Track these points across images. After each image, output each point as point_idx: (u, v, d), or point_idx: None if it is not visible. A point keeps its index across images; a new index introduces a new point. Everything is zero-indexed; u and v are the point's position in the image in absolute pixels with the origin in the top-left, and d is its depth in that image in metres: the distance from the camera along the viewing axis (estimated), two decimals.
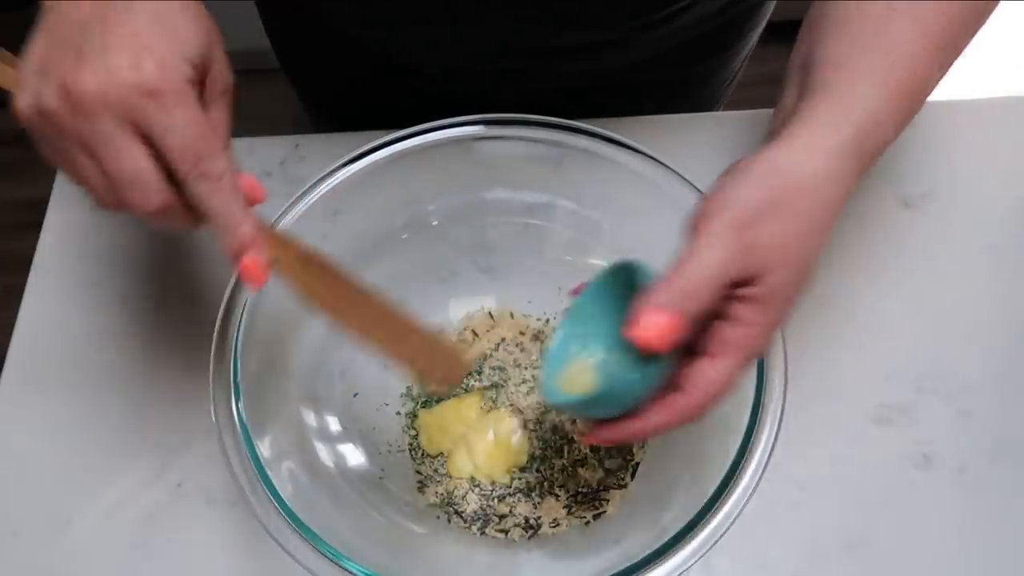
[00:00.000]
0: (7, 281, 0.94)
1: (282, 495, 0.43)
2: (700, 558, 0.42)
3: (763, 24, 0.74)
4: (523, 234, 0.59)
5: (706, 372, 0.37)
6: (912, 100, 0.42)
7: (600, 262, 0.59)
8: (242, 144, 0.67)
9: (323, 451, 0.52)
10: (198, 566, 0.53)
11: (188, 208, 0.37)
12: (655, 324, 0.35)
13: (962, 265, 0.64)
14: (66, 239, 0.65)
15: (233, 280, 0.48)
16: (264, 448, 0.45)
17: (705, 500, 0.43)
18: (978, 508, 0.55)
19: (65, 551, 0.53)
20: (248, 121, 0.37)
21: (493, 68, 0.66)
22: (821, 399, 0.58)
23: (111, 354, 0.60)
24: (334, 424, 0.54)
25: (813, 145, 0.39)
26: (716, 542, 0.42)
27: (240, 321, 0.47)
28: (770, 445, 0.44)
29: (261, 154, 0.67)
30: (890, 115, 0.41)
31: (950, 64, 0.44)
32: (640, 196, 0.53)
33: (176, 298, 0.62)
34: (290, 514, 0.42)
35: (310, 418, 0.53)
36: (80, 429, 0.57)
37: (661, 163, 0.52)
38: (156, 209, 0.36)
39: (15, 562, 0.53)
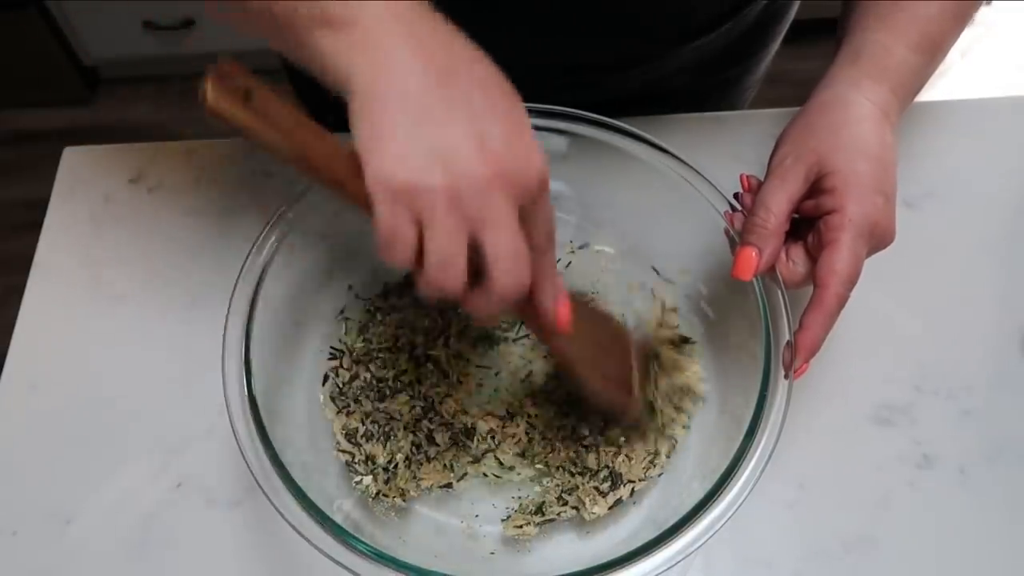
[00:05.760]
0: (7, 281, 0.95)
1: (294, 478, 0.43)
2: (697, 549, 0.42)
3: (788, 24, 0.75)
4: None
5: (831, 259, 0.45)
6: (933, 54, 0.52)
7: (607, 248, 0.60)
8: (242, 144, 0.67)
9: (334, 433, 0.53)
10: (197, 566, 0.53)
11: None
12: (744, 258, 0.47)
13: (962, 265, 0.64)
14: (66, 239, 0.65)
15: (241, 270, 0.48)
16: (275, 432, 0.45)
17: (704, 493, 0.43)
18: (978, 508, 0.55)
19: (65, 551, 0.53)
20: None
21: (515, 79, 0.66)
22: (821, 399, 0.58)
23: (111, 354, 0.60)
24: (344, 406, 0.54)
25: (843, 79, 0.50)
26: (713, 534, 0.42)
27: (252, 306, 0.47)
28: (772, 443, 0.44)
29: (261, 154, 0.67)
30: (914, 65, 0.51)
31: (959, 32, 0.53)
32: (647, 185, 0.54)
33: (176, 298, 0.62)
34: (300, 495, 0.42)
35: (320, 400, 0.54)
36: (80, 429, 0.57)
37: (668, 152, 0.53)
38: (516, 289, 0.38)
39: (15, 562, 0.53)
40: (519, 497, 0.53)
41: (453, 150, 0.35)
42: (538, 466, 0.54)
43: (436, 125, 0.36)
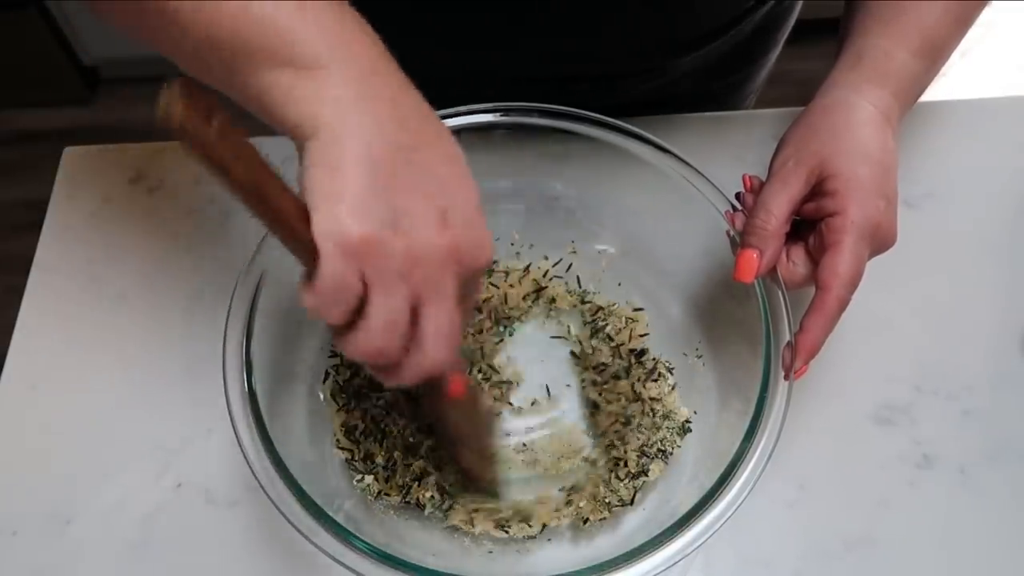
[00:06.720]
0: (7, 281, 0.95)
1: (294, 476, 0.43)
2: (697, 548, 0.42)
3: (789, 28, 0.75)
4: (532, 221, 0.59)
5: (833, 262, 0.45)
6: (934, 59, 0.52)
7: (608, 247, 0.60)
8: None
9: (333, 431, 0.53)
10: (197, 566, 0.53)
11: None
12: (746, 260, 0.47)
13: (962, 265, 0.64)
14: (66, 239, 0.65)
15: (242, 270, 0.48)
16: (275, 430, 0.45)
17: (704, 493, 0.43)
18: (978, 508, 0.55)
19: (65, 551, 0.53)
20: (249, 121, 0.37)
21: (518, 84, 0.65)
22: (821, 399, 0.58)
23: (111, 354, 0.60)
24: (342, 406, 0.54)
25: (845, 83, 0.50)
26: (713, 534, 0.42)
27: (253, 305, 0.47)
28: (772, 443, 0.44)
29: (262, 154, 0.67)
30: (915, 71, 0.51)
31: (961, 35, 0.53)
32: (648, 185, 0.54)
33: (176, 298, 0.62)
34: (301, 493, 0.42)
35: (321, 397, 0.54)
36: (80, 429, 0.57)
37: (670, 152, 0.53)
38: (442, 364, 0.38)
39: (15, 562, 0.53)
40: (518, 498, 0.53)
41: (416, 217, 0.35)
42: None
43: (400, 190, 0.35)
